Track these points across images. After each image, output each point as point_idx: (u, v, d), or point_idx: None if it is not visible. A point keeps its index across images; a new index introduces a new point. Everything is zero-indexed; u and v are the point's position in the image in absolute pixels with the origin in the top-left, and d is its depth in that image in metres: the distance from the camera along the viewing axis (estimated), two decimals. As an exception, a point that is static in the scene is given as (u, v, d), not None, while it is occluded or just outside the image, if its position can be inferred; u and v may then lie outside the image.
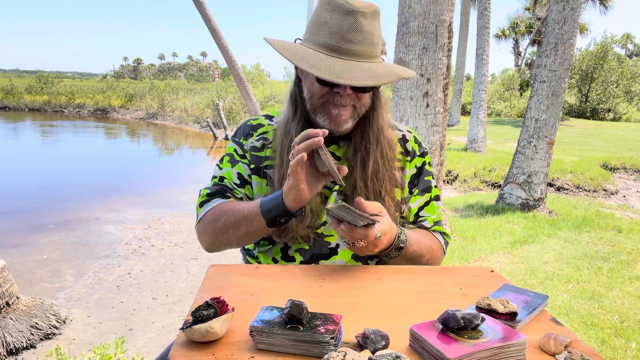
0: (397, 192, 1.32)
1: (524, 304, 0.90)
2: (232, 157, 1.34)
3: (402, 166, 1.35)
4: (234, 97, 20.82)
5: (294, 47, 1.18)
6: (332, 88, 1.17)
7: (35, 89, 30.74)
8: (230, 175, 1.32)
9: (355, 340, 0.78)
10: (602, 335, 3.05)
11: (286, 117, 1.29)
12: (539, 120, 5.94)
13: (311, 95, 1.21)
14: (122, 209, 7.07)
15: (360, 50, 1.14)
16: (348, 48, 1.13)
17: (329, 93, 1.18)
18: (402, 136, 1.38)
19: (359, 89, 1.18)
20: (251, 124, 1.37)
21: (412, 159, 1.36)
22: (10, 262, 3.74)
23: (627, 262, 4.42)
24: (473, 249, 4.63)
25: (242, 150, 1.34)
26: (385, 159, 1.28)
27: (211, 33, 10.92)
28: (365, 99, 1.23)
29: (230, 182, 1.31)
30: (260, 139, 1.33)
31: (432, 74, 3.72)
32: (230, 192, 1.30)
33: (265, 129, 1.35)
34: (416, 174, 1.36)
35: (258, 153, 1.32)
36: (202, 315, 0.77)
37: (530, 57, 37.59)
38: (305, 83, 1.24)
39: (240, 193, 1.31)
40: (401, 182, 1.34)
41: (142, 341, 3.26)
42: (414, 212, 1.36)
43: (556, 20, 5.70)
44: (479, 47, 11.16)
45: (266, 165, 1.30)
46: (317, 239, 1.26)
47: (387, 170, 1.28)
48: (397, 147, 1.33)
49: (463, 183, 8.53)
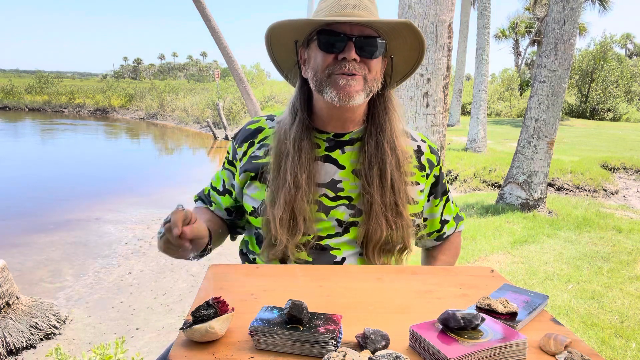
0: (410, 207, 1.24)
1: (524, 304, 0.90)
2: (225, 160, 1.34)
3: (417, 181, 1.26)
4: (234, 97, 20.82)
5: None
6: (337, 55, 1.11)
7: (35, 89, 30.74)
8: (217, 180, 1.35)
9: (355, 340, 0.78)
10: (602, 335, 3.05)
11: (284, 123, 1.23)
12: (539, 120, 5.93)
13: (315, 71, 1.14)
14: (122, 209, 7.07)
15: (359, 14, 1.12)
16: (346, 12, 1.12)
17: (334, 62, 1.11)
18: (417, 147, 1.29)
19: (367, 54, 1.11)
20: (250, 128, 1.31)
21: (430, 171, 1.29)
22: (10, 262, 3.74)
23: (627, 262, 4.42)
24: (473, 249, 4.63)
25: (233, 156, 1.31)
26: (402, 170, 1.20)
27: (211, 33, 10.93)
28: (375, 69, 1.15)
29: (212, 191, 1.35)
30: (261, 146, 1.26)
31: (432, 74, 3.73)
32: (208, 202, 1.36)
33: (266, 133, 1.28)
34: (435, 182, 1.32)
35: (258, 160, 1.25)
36: (202, 315, 0.77)
37: (530, 57, 37.61)
38: (309, 64, 1.18)
39: (214, 204, 1.35)
40: (413, 197, 1.25)
41: (142, 341, 3.26)
42: (437, 220, 1.35)
43: (556, 20, 5.70)
44: (479, 47, 11.16)
45: (267, 170, 1.24)
46: (320, 252, 1.19)
47: (403, 180, 1.20)
48: (412, 160, 1.26)
49: (463, 183, 8.53)
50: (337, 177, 1.21)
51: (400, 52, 1.21)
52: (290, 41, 1.19)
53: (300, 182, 1.15)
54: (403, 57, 1.22)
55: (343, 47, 1.10)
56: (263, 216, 1.20)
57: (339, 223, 1.20)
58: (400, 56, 1.22)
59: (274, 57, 1.25)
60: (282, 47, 1.22)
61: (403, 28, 1.14)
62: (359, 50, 1.10)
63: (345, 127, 1.23)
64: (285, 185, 1.15)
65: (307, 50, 1.18)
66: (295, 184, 1.15)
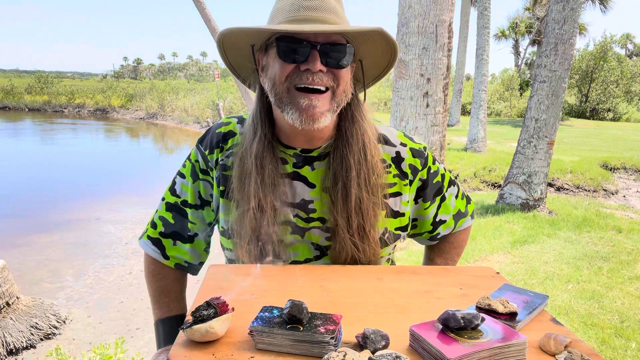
0: (393, 222, 1.14)
1: (524, 304, 0.90)
2: (194, 169, 1.15)
3: (398, 191, 1.13)
4: (234, 97, 20.84)
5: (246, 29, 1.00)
6: (299, 65, 0.96)
7: (35, 89, 30.76)
8: (191, 193, 1.16)
9: (355, 340, 0.78)
10: (602, 335, 3.05)
11: (245, 139, 1.09)
12: (539, 120, 5.93)
13: (273, 82, 0.99)
14: (122, 209, 7.07)
15: (324, 17, 0.97)
16: (309, 15, 0.96)
17: (295, 72, 0.96)
18: (396, 154, 1.14)
19: (334, 63, 0.97)
20: (221, 132, 1.14)
21: (414, 177, 1.15)
22: (10, 262, 3.74)
23: (627, 262, 4.42)
24: (473, 249, 4.63)
25: (205, 164, 1.13)
26: (369, 188, 1.07)
27: (211, 33, 10.92)
28: (344, 80, 1.00)
29: (189, 206, 1.16)
30: (229, 154, 1.11)
31: (432, 74, 3.73)
32: (186, 220, 1.17)
33: (236, 140, 1.12)
34: (421, 186, 1.18)
35: (227, 172, 1.11)
36: (202, 315, 0.77)
37: (530, 57, 37.59)
38: (266, 74, 1.02)
39: (195, 225, 1.16)
40: (398, 209, 1.14)
41: (142, 341, 3.26)
42: (429, 222, 1.22)
43: (556, 20, 5.70)
44: (479, 47, 11.17)
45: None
46: None
47: (371, 201, 1.07)
48: (389, 168, 1.12)
49: (463, 183, 8.53)
50: (307, 197, 1.09)
51: (370, 57, 1.08)
52: (246, 45, 1.04)
53: (264, 205, 1.04)
54: (373, 62, 1.09)
55: (307, 56, 0.95)
56: (232, 240, 1.11)
57: (315, 246, 1.11)
58: (370, 60, 1.08)
59: (229, 62, 1.10)
60: (238, 51, 1.07)
61: (374, 34, 1.00)
62: (325, 59, 0.96)
63: (312, 144, 1.09)
64: (250, 211, 1.04)
65: (265, 56, 1.03)
66: (260, 208, 1.04)
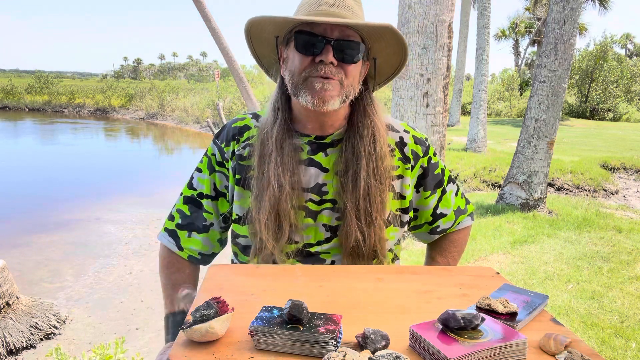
0: (395, 203, 1.22)
1: (524, 304, 0.90)
2: (210, 162, 1.25)
3: (401, 174, 1.22)
4: (234, 97, 20.83)
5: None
6: (314, 58, 1.07)
7: (35, 89, 30.73)
8: (207, 185, 1.25)
9: (355, 340, 0.78)
10: (602, 335, 3.05)
11: (266, 123, 1.19)
12: (539, 120, 5.94)
13: (292, 73, 1.11)
14: (122, 209, 7.07)
15: (341, 13, 1.07)
16: (328, 10, 1.06)
17: (311, 65, 1.08)
18: (400, 139, 1.24)
19: (345, 57, 1.08)
20: (237, 126, 1.24)
21: (415, 163, 1.24)
22: (10, 262, 3.74)
23: (627, 262, 4.42)
24: (473, 249, 4.63)
25: (221, 157, 1.23)
26: (377, 176, 1.16)
27: (211, 33, 10.92)
28: (353, 74, 1.11)
29: (205, 197, 1.25)
30: (246, 145, 1.21)
31: (432, 74, 3.73)
32: (202, 210, 1.25)
33: (252, 133, 1.22)
34: (422, 174, 1.26)
35: (244, 162, 1.20)
36: (202, 315, 0.77)
37: (530, 57, 37.60)
38: (286, 66, 1.14)
39: (211, 215, 1.25)
40: (400, 191, 1.23)
41: (142, 341, 3.26)
42: (429, 213, 1.29)
43: (556, 20, 5.70)
44: (479, 47, 11.17)
45: (251, 175, 1.18)
46: (309, 258, 1.18)
47: (379, 188, 1.16)
48: (395, 153, 1.22)
49: (463, 183, 8.53)
50: (321, 181, 1.18)
51: (383, 55, 1.17)
52: (271, 36, 1.16)
53: (284, 184, 1.12)
54: (386, 60, 1.19)
55: (321, 49, 1.06)
56: (249, 223, 1.17)
57: (327, 228, 1.18)
58: (384, 59, 1.18)
59: (255, 51, 1.22)
60: (263, 41, 1.19)
61: (385, 31, 1.09)
62: (337, 54, 1.07)
63: (324, 130, 1.19)
64: (269, 188, 1.12)
65: (286, 49, 1.15)
66: (278, 185, 1.12)
